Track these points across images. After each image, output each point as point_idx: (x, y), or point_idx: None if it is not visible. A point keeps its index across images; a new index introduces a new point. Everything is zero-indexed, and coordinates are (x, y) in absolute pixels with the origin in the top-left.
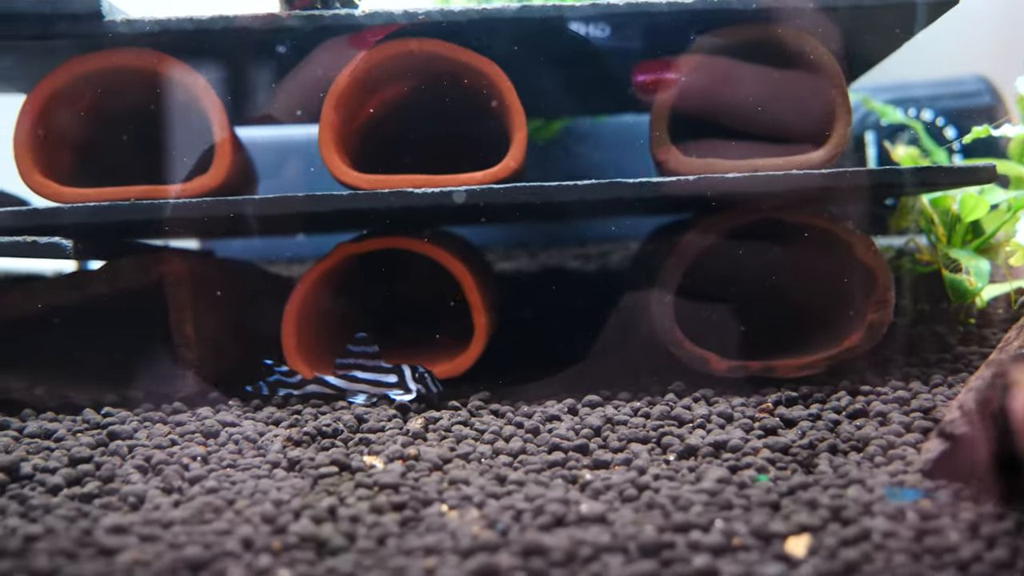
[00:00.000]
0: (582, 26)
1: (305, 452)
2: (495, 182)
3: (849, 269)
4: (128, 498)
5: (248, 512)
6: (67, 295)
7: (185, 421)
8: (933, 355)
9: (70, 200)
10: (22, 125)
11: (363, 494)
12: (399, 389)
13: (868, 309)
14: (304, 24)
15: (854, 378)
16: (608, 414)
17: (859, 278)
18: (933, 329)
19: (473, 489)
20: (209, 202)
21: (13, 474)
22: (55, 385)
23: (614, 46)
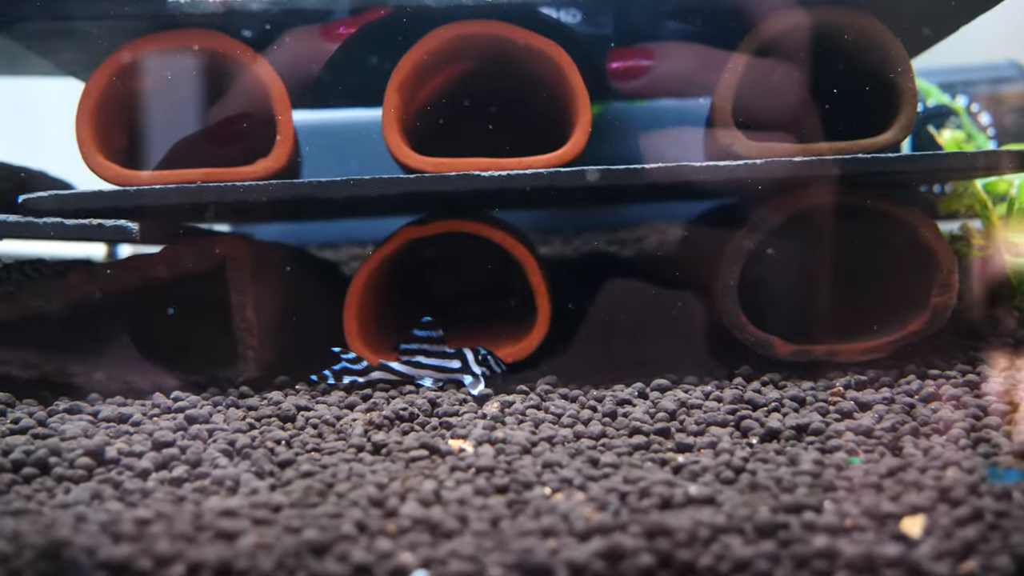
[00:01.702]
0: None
1: (389, 436)
2: (560, 165)
3: (912, 252)
4: (225, 482)
5: (352, 495)
6: (126, 278)
7: (257, 405)
8: (995, 339)
9: (132, 183)
10: (84, 106)
11: (461, 477)
12: (464, 374)
13: (932, 293)
14: (371, 5)
15: (919, 362)
16: (680, 398)
17: (922, 261)
18: (991, 313)
19: (570, 472)
20: (276, 184)
21: (99, 458)
22: (115, 369)
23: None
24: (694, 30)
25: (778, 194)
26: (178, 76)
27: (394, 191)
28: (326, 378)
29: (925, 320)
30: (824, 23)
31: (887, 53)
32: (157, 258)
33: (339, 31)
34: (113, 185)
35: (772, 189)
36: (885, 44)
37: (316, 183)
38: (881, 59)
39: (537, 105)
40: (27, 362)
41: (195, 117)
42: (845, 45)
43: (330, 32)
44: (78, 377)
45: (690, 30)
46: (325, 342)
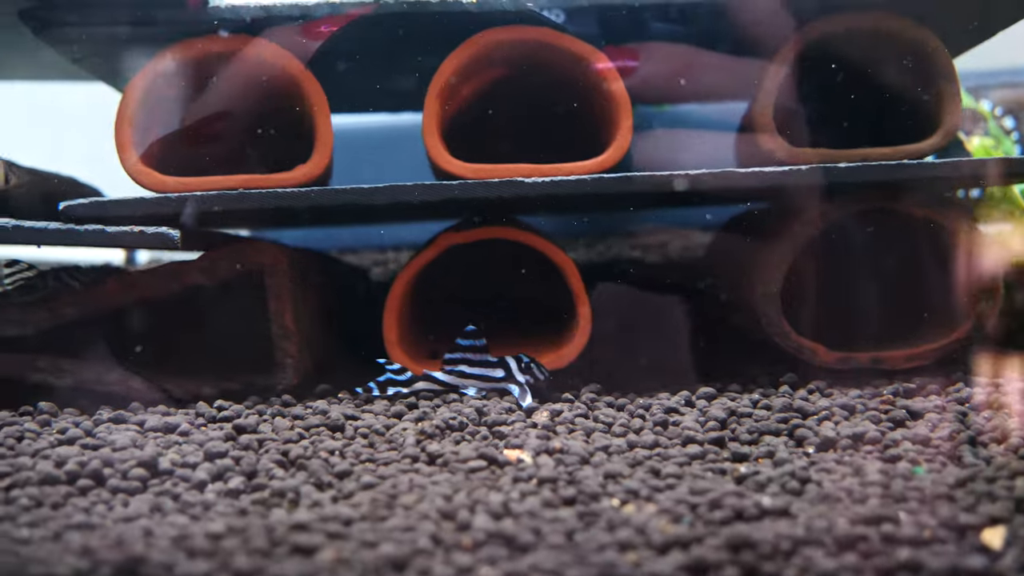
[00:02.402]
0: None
1: (443, 446)
2: (601, 171)
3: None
4: (286, 494)
5: (420, 508)
6: (164, 285)
7: (303, 414)
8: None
9: (171, 189)
10: (123, 112)
11: (526, 488)
12: (508, 383)
13: (976, 299)
14: (411, 11)
15: (966, 369)
16: (729, 406)
17: (965, 267)
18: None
19: (634, 483)
20: (318, 191)
21: (152, 469)
22: (151, 377)
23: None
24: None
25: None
26: (215, 81)
27: (436, 197)
28: (371, 390)
29: (970, 326)
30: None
31: (931, 58)
32: (195, 265)
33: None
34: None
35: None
36: (929, 49)
37: (360, 189)
38: (924, 64)
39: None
40: (63, 370)
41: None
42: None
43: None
44: (114, 385)
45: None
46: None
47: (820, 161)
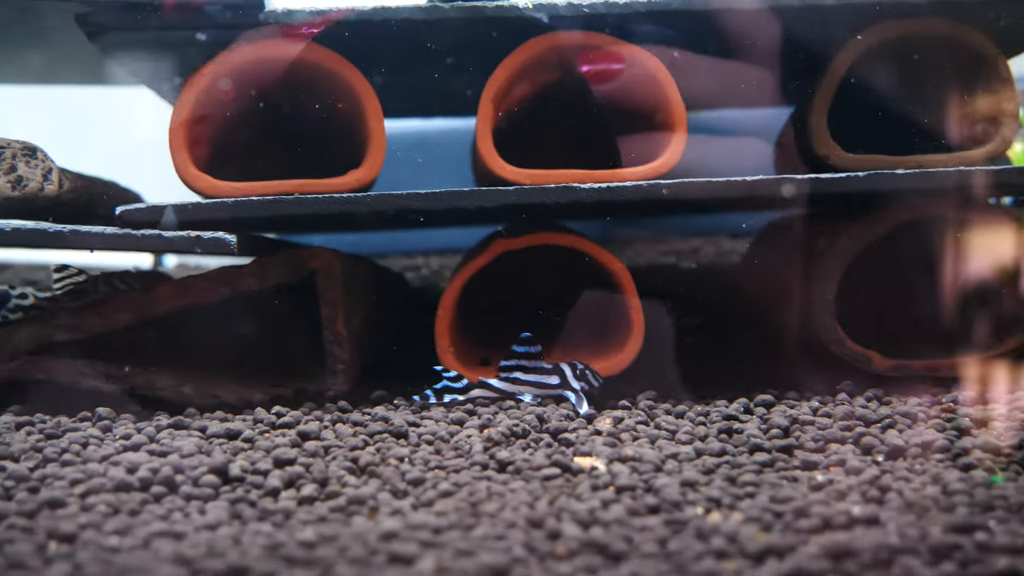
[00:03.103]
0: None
1: (513, 453)
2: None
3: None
4: (366, 501)
5: (504, 516)
6: (216, 291)
7: (363, 421)
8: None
9: (225, 194)
10: (178, 117)
11: (607, 497)
12: (564, 389)
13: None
14: (468, 16)
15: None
16: (790, 414)
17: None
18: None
19: (713, 491)
20: (375, 196)
21: (223, 476)
22: (202, 383)
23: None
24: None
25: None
26: (269, 86)
27: (493, 203)
28: (427, 397)
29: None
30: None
31: (988, 64)
32: (247, 270)
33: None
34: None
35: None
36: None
37: (419, 195)
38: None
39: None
40: (115, 376)
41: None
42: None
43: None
44: (165, 391)
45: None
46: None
47: (875, 167)
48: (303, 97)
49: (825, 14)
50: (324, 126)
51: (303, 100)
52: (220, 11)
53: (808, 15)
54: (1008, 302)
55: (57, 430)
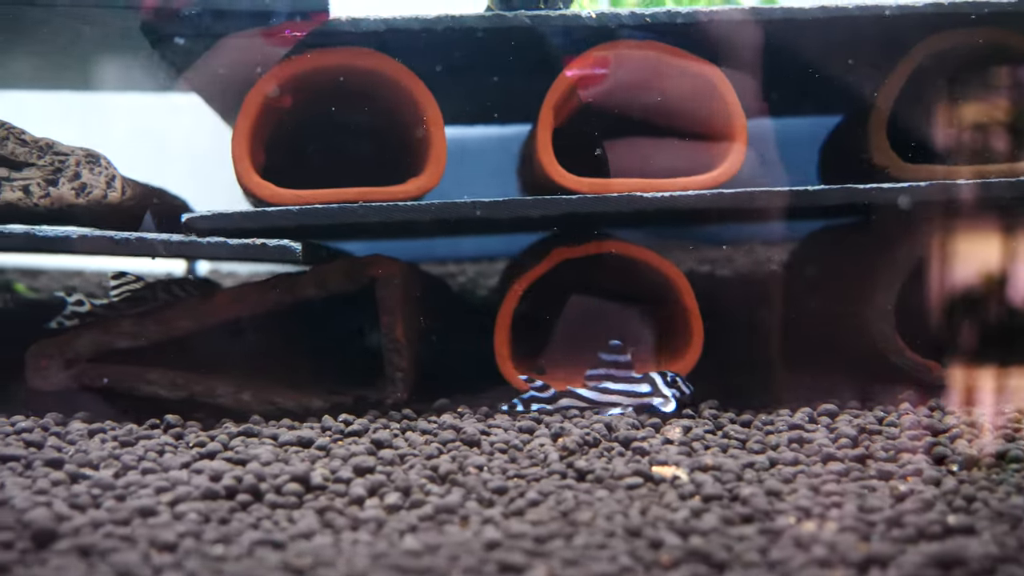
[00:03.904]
0: (812, 30)
1: (592, 463)
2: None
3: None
4: (456, 510)
5: (599, 525)
6: (275, 298)
7: (433, 429)
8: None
9: (286, 202)
10: (242, 124)
11: (696, 506)
12: (655, 397)
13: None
14: (530, 24)
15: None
16: (856, 423)
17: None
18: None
19: (800, 500)
20: (439, 204)
21: (306, 484)
22: (261, 390)
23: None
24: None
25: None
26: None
27: (556, 212)
28: (515, 406)
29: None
30: (984, 43)
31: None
32: (307, 278)
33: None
34: (269, 204)
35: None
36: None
37: (482, 203)
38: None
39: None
40: (175, 383)
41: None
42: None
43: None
44: (225, 398)
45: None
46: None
47: (934, 178)
48: (360, 105)
49: (887, 23)
50: (378, 134)
51: (360, 108)
52: (284, 19)
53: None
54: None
55: (130, 437)
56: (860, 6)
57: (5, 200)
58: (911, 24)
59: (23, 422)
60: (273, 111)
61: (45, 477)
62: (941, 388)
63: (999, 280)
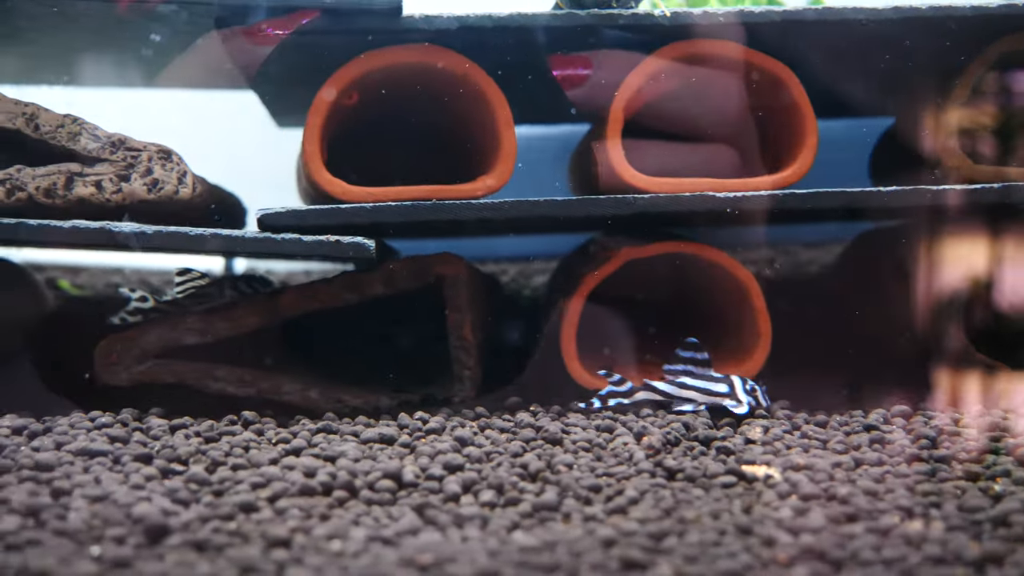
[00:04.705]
0: (882, 30)
1: (681, 462)
2: (785, 187)
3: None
4: (558, 508)
5: (706, 523)
6: (342, 296)
7: (509, 427)
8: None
9: (357, 199)
10: (313, 121)
11: (797, 505)
12: (731, 400)
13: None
14: (603, 23)
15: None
16: (932, 424)
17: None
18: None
19: (899, 499)
20: (512, 203)
21: (398, 481)
22: (328, 388)
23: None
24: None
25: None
26: (398, 91)
27: (627, 211)
28: (592, 403)
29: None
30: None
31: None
32: (376, 277)
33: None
34: (340, 201)
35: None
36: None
37: (555, 202)
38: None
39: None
40: (243, 380)
41: (407, 132)
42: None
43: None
44: (292, 395)
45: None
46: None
47: (1007, 179)
48: (425, 102)
49: (958, 23)
50: (440, 132)
51: (425, 105)
52: (357, 17)
53: (936, 25)
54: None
55: (213, 433)
56: (933, 6)
57: (78, 195)
58: (980, 25)
59: (102, 417)
60: (338, 108)
61: (137, 472)
62: (1010, 390)
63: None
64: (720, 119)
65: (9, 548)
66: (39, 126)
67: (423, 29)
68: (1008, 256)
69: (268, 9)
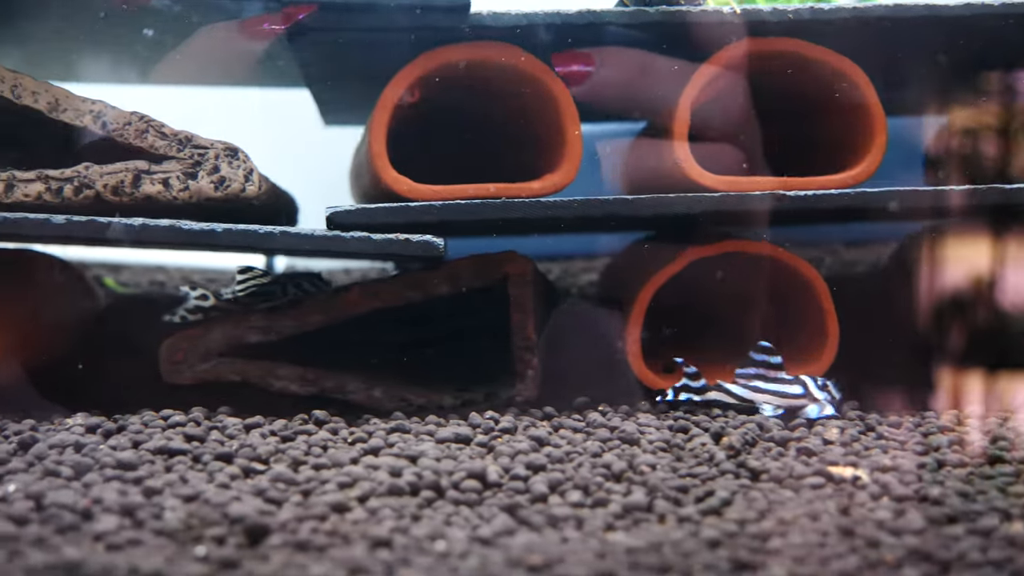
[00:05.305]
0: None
1: (764, 463)
2: (855, 185)
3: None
4: (652, 508)
5: (804, 523)
6: (406, 295)
7: (582, 427)
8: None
9: (424, 197)
10: (380, 118)
11: (891, 506)
12: (806, 400)
13: None
14: (671, 20)
15: None
16: (1009, 426)
17: None
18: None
19: (994, 501)
20: (581, 201)
21: (483, 480)
22: (391, 387)
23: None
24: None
25: None
26: (462, 87)
27: (698, 209)
28: (665, 397)
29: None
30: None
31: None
32: (440, 275)
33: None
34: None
35: None
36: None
37: (626, 200)
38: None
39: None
40: (305, 378)
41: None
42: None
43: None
44: (356, 394)
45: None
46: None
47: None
48: (488, 99)
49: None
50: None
51: (487, 102)
52: (425, 14)
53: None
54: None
55: (288, 432)
56: (1005, 3)
57: (145, 193)
58: None
59: (175, 416)
60: (401, 105)
61: (221, 471)
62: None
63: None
64: (784, 117)
65: (111, 548)
66: (106, 123)
67: (491, 26)
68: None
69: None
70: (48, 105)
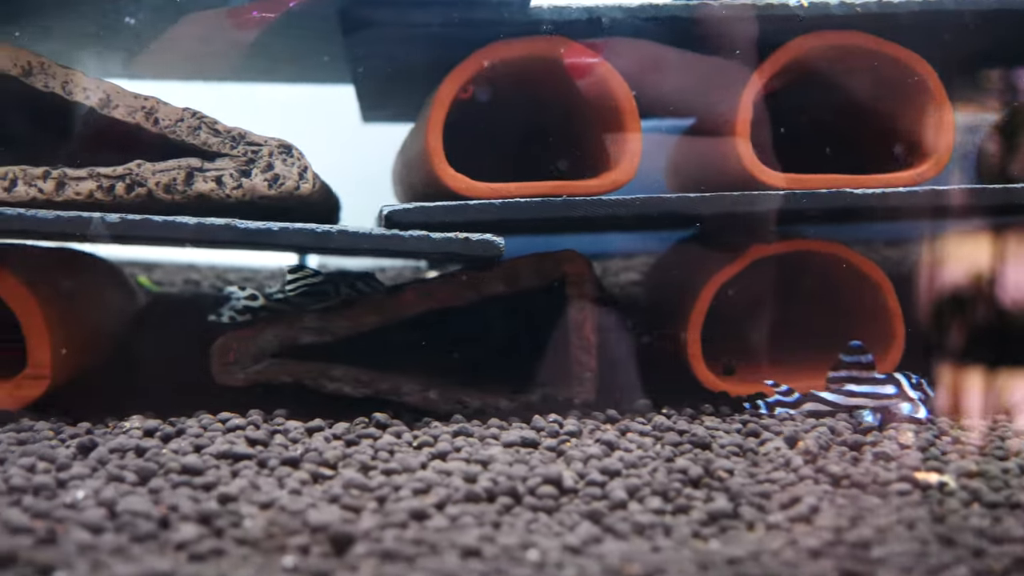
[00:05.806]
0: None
1: (844, 468)
2: (920, 183)
3: None
4: (738, 515)
5: (900, 532)
6: (462, 295)
7: (648, 431)
8: None
9: (482, 196)
10: (436, 115)
11: (985, 512)
12: (900, 400)
13: None
14: (738, 12)
15: None
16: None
17: None
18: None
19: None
20: (643, 199)
21: (559, 486)
22: (446, 389)
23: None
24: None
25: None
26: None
27: (760, 207)
28: (759, 407)
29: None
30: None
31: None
32: (497, 275)
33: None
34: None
35: None
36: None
37: (686, 198)
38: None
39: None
40: (359, 380)
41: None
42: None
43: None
44: (411, 396)
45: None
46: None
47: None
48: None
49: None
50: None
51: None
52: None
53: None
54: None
55: (352, 435)
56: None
57: (198, 191)
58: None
59: (233, 418)
60: (463, 101)
61: (289, 476)
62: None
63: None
64: (850, 112)
65: (194, 558)
66: (158, 120)
67: (551, 20)
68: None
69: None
70: (100, 101)
